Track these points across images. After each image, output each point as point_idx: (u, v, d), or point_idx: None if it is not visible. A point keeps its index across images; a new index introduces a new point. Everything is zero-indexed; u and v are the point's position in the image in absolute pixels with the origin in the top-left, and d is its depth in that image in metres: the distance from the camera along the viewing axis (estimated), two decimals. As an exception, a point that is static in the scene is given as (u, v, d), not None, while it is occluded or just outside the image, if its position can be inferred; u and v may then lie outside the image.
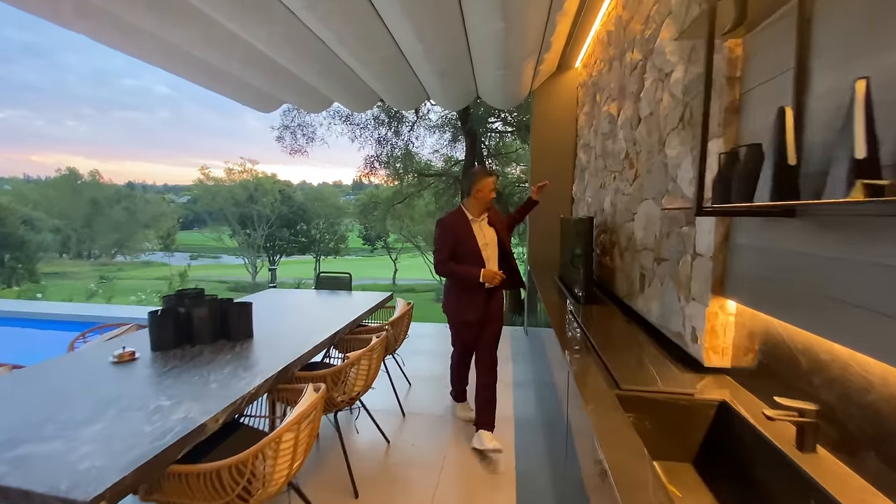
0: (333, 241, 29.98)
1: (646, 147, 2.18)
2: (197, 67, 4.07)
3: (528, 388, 3.37)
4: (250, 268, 27.98)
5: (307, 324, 2.67)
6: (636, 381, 1.46)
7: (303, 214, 28.62)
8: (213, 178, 27.32)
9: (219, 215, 27.18)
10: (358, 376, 2.13)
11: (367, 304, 3.20)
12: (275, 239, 28.06)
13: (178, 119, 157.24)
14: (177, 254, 41.63)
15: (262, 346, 2.24)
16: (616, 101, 2.80)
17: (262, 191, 26.27)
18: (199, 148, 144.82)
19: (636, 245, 2.29)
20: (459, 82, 4.06)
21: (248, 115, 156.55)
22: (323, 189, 35.19)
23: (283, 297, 3.52)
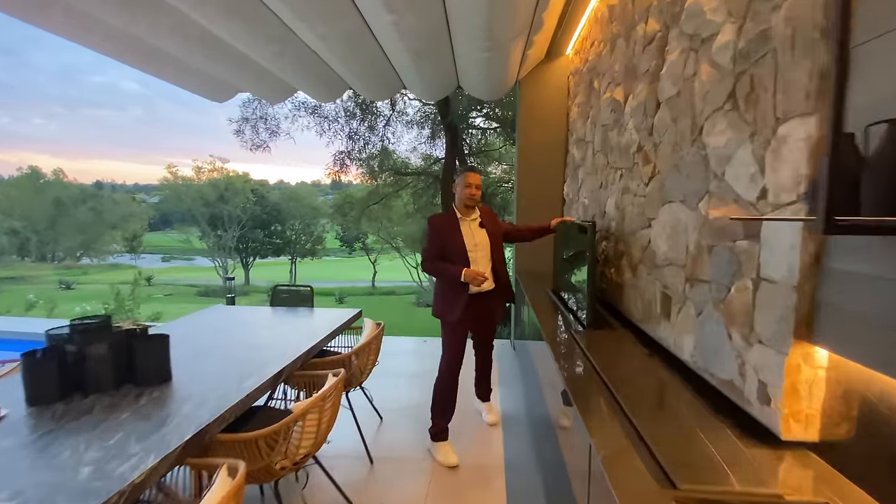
0: (310, 243, 29.09)
1: (670, 136, 1.74)
2: (134, 48, 3.47)
3: (521, 426, 2.91)
4: (221, 271, 26.83)
5: (250, 354, 2.14)
6: (693, 468, 1.01)
7: (277, 215, 27.63)
8: (182, 177, 26.07)
9: (187, 216, 25.94)
10: (304, 435, 1.62)
11: (328, 325, 2.69)
12: (247, 240, 27.01)
13: (149, 117, 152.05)
14: (148, 256, 39.99)
15: (180, 395, 1.71)
16: (622, 86, 2.37)
17: (234, 190, 25.17)
18: (173, 146, 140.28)
19: (656, 258, 1.85)
20: (437, 67, 3.57)
21: (219, 113, 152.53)
22: (299, 189, 34.18)
23: (229, 316, 2.97)
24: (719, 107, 1.38)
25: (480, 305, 2.54)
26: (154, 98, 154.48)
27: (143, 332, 1.90)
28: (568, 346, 1.99)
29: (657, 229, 1.85)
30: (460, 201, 2.50)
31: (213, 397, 1.67)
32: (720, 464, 1.03)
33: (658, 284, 1.83)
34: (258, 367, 1.98)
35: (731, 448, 1.10)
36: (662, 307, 1.79)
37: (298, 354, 2.15)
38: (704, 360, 1.44)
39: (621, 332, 2.08)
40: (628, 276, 2.20)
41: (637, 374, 1.64)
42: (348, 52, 3.30)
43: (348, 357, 2.28)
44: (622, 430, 1.22)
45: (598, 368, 1.66)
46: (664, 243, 1.75)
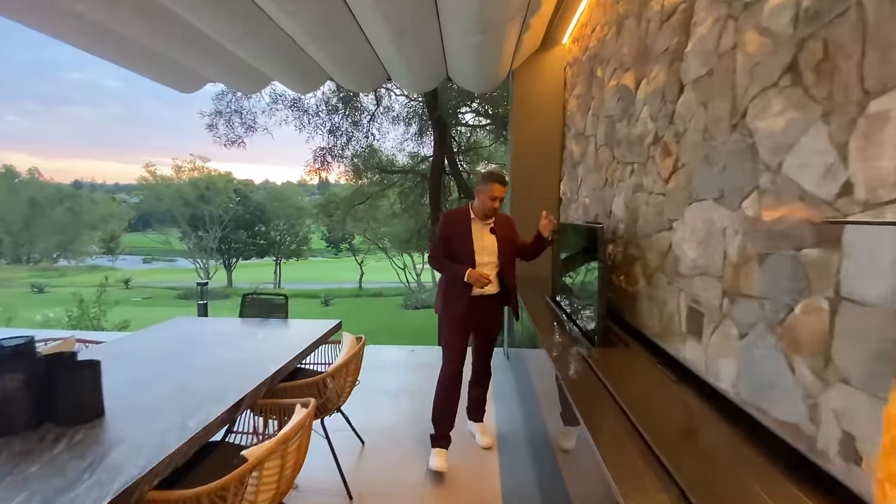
0: (295, 244, 28.51)
1: (698, 124, 1.48)
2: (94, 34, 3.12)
3: (519, 449, 2.64)
4: (202, 273, 26.10)
5: (206, 380, 1.83)
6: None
7: (261, 215, 26.98)
8: (161, 176, 25.24)
9: (167, 216, 25.12)
10: (262, 486, 1.32)
11: (303, 340, 2.38)
12: (230, 241, 26.32)
13: (130, 114, 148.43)
14: (128, 257, 38.90)
15: (110, 437, 1.40)
16: (632, 71, 2.11)
17: (215, 190, 24.44)
18: (155, 145, 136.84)
19: (680, 266, 1.60)
20: (424, 53, 3.29)
21: (207, 108, 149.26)
22: (285, 189, 33.47)
23: (191, 330, 2.64)
24: (773, 83, 1.12)
25: (481, 309, 2.44)
26: (135, 95, 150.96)
27: (70, 357, 1.57)
28: (576, 365, 1.72)
29: (682, 232, 1.59)
30: (479, 209, 2.39)
31: (151, 440, 1.36)
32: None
33: (683, 296, 1.57)
34: (214, 395, 1.67)
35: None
36: (689, 323, 1.53)
37: (263, 379, 1.84)
38: (752, 394, 1.18)
39: (636, 350, 1.82)
40: (642, 285, 1.94)
41: (662, 403, 1.38)
42: (325, 35, 2.99)
43: (322, 380, 1.98)
44: (658, 483, 0.95)
45: (619, 400, 1.39)
46: (692, 249, 1.49)
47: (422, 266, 24.18)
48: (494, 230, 2.43)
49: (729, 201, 1.30)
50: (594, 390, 1.51)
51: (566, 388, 1.52)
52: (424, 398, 3.21)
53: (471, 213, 2.43)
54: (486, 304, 2.46)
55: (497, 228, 2.43)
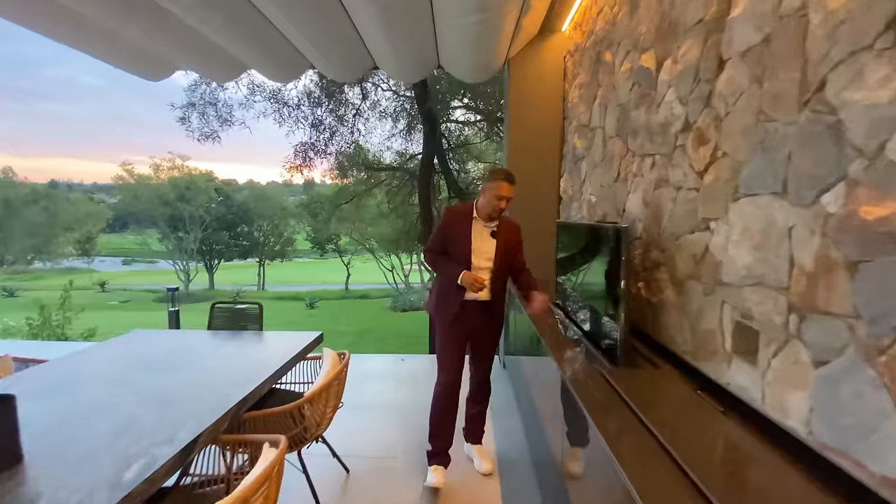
0: (279, 245, 27.91)
1: (748, 103, 1.24)
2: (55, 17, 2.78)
3: (523, 474, 2.38)
4: (182, 275, 25.34)
5: (157, 412, 1.53)
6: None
7: (244, 216, 26.31)
8: (138, 175, 24.40)
9: (145, 217, 24.30)
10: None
11: (278, 356, 2.09)
12: (211, 242, 25.62)
13: (110, 112, 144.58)
14: (108, 259, 37.73)
15: (27, 492, 1.10)
16: (652, 51, 1.87)
17: (196, 189, 23.71)
18: (136, 144, 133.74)
19: (722, 273, 1.35)
20: (414, 37, 3.01)
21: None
22: (268, 188, 32.75)
23: (149, 346, 2.32)
24: (866, 45, 0.87)
25: (475, 315, 2.28)
26: (115, 92, 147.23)
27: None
28: (598, 388, 1.47)
29: (724, 233, 1.34)
30: (484, 208, 2.22)
31: (73, 498, 1.06)
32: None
33: (728, 309, 1.32)
34: (164, 434, 1.37)
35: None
36: (738, 342, 1.28)
37: (227, 409, 1.54)
38: (838, 438, 0.94)
39: (667, 372, 1.58)
40: (669, 294, 1.69)
41: (711, 438, 1.14)
42: (306, 17, 2.70)
43: (298, 408, 1.69)
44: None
45: (656, 432, 1.14)
46: (746, 253, 1.24)
47: (410, 267, 23.86)
48: (496, 234, 2.24)
49: (798, 196, 1.05)
50: (624, 419, 1.26)
51: (593, 419, 1.26)
52: (417, 415, 2.94)
53: (474, 211, 2.25)
54: (481, 311, 2.28)
55: (500, 233, 2.25)
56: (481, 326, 2.32)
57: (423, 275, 23.55)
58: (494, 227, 2.24)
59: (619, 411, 1.32)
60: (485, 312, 2.29)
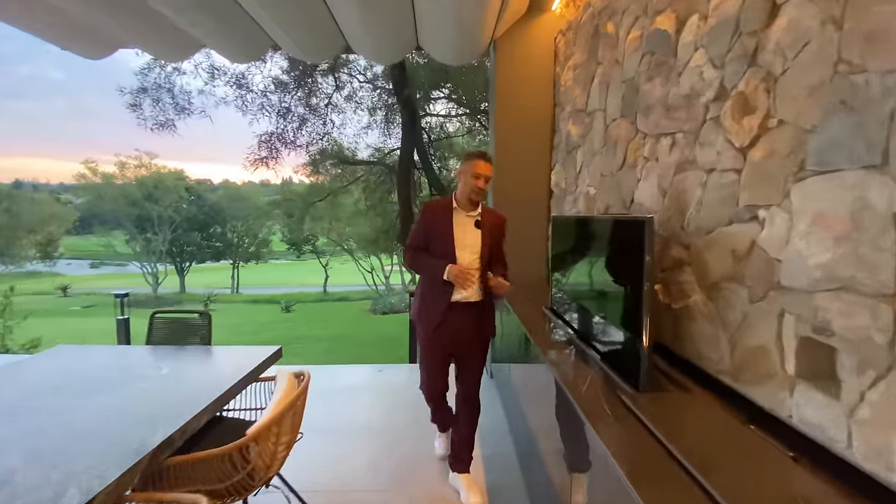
0: (254, 246, 27.01)
1: (818, 53, 0.95)
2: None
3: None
4: (150, 278, 24.22)
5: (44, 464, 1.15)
6: None
7: (216, 216, 25.34)
8: (103, 173, 23.18)
9: (110, 218, 23.08)
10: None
11: (225, 377, 1.73)
12: (182, 244, 24.57)
13: (78, 109, 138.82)
14: (74, 261, 36.02)
15: None
16: (670, 10, 1.58)
17: (165, 189, 22.65)
18: (105, 142, 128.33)
19: (779, 275, 1.06)
20: (391, 13, 2.67)
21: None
22: (243, 188, 31.72)
23: (68, 366, 1.92)
24: None
25: (462, 319, 2.04)
26: (82, 88, 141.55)
27: None
28: (616, 425, 1.16)
29: (783, 223, 1.05)
30: (463, 193, 2.03)
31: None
32: None
33: (791, 321, 1.03)
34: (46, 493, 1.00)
35: None
36: (808, 365, 0.99)
37: (139, 458, 1.17)
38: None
39: (702, 398, 1.28)
40: (696, 300, 1.40)
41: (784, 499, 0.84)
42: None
43: (240, 449, 1.33)
44: None
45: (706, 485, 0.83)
46: (821, 248, 0.95)
47: (390, 268, 23.38)
48: (480, 224, 2.03)
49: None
50: (658, 465, 0.95)
51: (622, 469, 0.95)
52: (394, 436, 2.59)
53: (454, 203, 2.05)
54: (470, 314, 2.05)
55: (484, 223, 2.05)
56: (470, 332, 2.06)
57: (405, 276, 23.15)
58: (478, 217, 2.04)
59: (651, 451, 1.01)
60: (474, 315, 2.06)
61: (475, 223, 2.03)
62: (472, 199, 2.01)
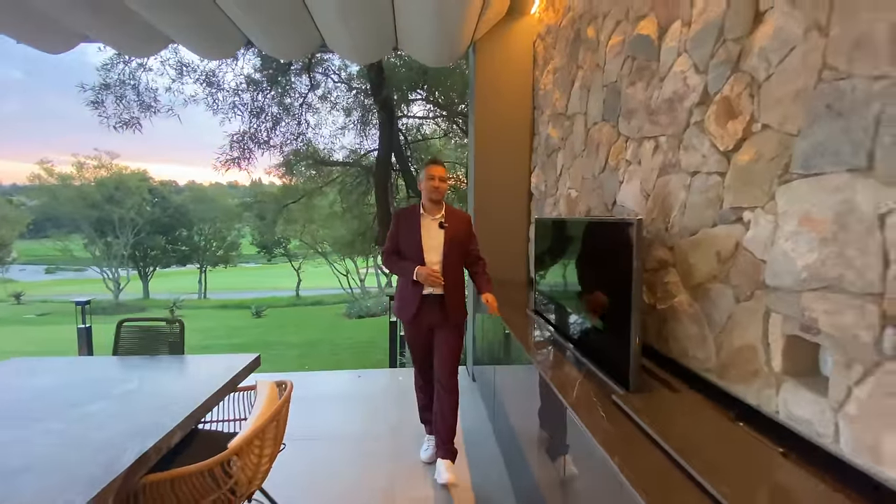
0: (222, 249, 26.17)
1: (803, 59, 0.98)
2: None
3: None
4: (111, 283, 23.09)
5: (8, 486, 1.06)
6: None
7: (181, 218, 24.41)
8: (59, 174, 21.95)
9: (66, 221, 21.87)
10: None
11: (200, 388, 1.64)
12: (146, 248, 23.55)
13: (32, 108, 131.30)
14: (28, 267, 34.05)
15: None
16: (653, 15, 1.61)
17: (126, 190, 21.63)
18: (64, 142, 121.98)
19: (763, 275, 1.09)
20: (370, 11, 2.63)
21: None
22: (210, 189, 30.71)
23: (22, 382, 1.79)
24: None
25: (434, 310, 2.27)
26: (37, 87, 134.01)
27: None
28: (610, 426, 1.16)
29: (768, 225, 1.08)
30: (425, 196, 2.28)
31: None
32: None
33: (778, 320, 1.06)
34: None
35: None
36: (794, 362, 1.02)
37: (113, 478, 1.09)
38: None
39: (690, 397, 1.30)
40: (681, 300, 1.43)
41: (778, 494, 0.85)
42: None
43: (221, 463, 1.26)
44: None
45: (705, 484, 0.84)
46: (805, 248, 0.98)
47: (366, 271, 23.10)
48: (445, 225, 2.25)
49: (893, 171, 0.79)
50: (653, 464, 0.96)
51: (622, 473, 0.95)
52: (377, 443, 2.54)
53: (420, 209, 2.29)
54: (440, 304, 2.26)
55: (448, 223, 2.26)
56: (441, 319, 2.27)
57: (382, 279, 22.93)
58: (442, 219, 2.25)
59: (644, 449, 1.02)
60: (443, 305, 2.25)
61: (439, 225, 2.24)
62: (432, 199, 2.24)
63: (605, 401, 1.30)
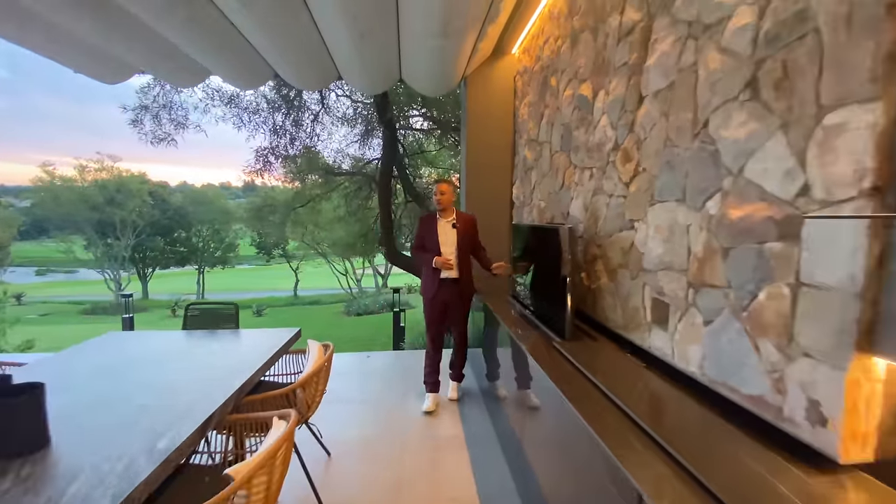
0: (220, 250, 26.61)
1: (659, 132, 1.63)
2: (20, 21, 2.73)
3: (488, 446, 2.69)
4: (112, 284, 23.49)
5: (162, 400, 1.67)
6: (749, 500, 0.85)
7: (180, 220, 24.86)
8: (61, 177, 22.35)
9: (68, 222, 22.28)
10: (253, 500, 1.24)
11: (262, 351, 2.25)
12: (145, 249, 23.97)
13: (19, 108, 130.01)
14: (17, 269, 34.13)
15: (63, 469, 1.23)
16: (589, 81, 2.26)
17: (127, 193, 22.10)
18: (49, 143, 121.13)
19: (642, 262, 1.74)
20: (381, 53, 3.26)
21: (111, 103, 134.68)
22: (206, 191, 31.13)
23: (129, 346, 2.40)
24: (733, 97, 1.26)
25: (449, 290, 3.07)
26: (24, 86, 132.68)
27: (4, 381, 1.37)
28: (550, 355, 1.81)
29: (643, 231, 1.73)
30: (437, 207, 3.09)
31: (116, 467, 1.22)
32: (784, 495, 0.88)
33: (648, 290, 1.71)
34: (175, 416, 1.53)
35: (778, 471, 0.97)
36: (655, 315, 1.67)
37: (230, 393, 1.72)
38: (720, 373, 1.32)
39: (602, 342, 1.95)
40: (604, 281, 2.08)
41: (635, 385, 1.50)
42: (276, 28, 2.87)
43: (292, 391, 1.89)
44: (642, 443, 1.04)
45: (599, 384, 1.49)
46: (658, 245, 1.63)
47: (362, 271, 23.68)
48: (456, 226, 3.05)
49: (692, 202, 1.44)
50: (572, 376, 1.60)
51: (550, 377, 1.59)
52: (388, 405, 3.17)
53: (437, 215, 3.10)
54: (453, 286, 3.07)
55: (458, 225, 3.06)
56: (455, 297, 3.09)
57: (378, 280, 23.51)
58: (454, 221, 3.05)
59: (565, 368, 1.66)
60: (456, 286, 3.07)
61: (452, 225, 3.04)
62: (440, 205, 3.05)
63: (549, 347, 1.94)
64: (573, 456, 1.47)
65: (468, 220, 3.13)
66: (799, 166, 1.05)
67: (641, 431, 1.23)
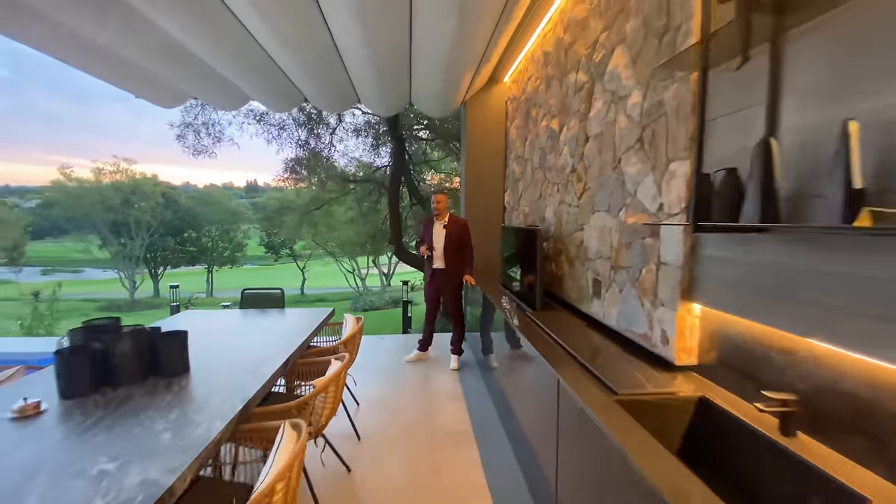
0: (229, 250, 27.40)
1: (597, 163, 2.35)
2: (76, 46, 3.42)
3: (483, 398, 3.41)
4: (127, 283, 24.32)
5: (247, 352, 2.39)
6: (623, 384, 1.56)
7: (191, 220, 25.68)
8: (77, 178, 23.21)
9: (84, 222, 23.14)
10: (325, 405, 1.96)
11: (308, 323, 2.97)
12: (157, 249, 24.78)
13: (19, 108, 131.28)
14: (24, 269, 34.91)
15: (204, 382, 1.95)
16: (557, 118, 2.98)
17: (142, 194, 22.97)
18: (51, 143, 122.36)
19: (587, 253, 2.45)
20: (395, 89, 3.99)
21: (114, 104, 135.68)
22: (212, 192, 31.98)
23: (203, 320, 3.12)
24: (631, 146, 1.98)
25: (441, 277, 3.97)
26: (25, 86, 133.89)
27: (157, 329, 2.09)
28: (523, 320, 2.52)
29: (588, 232, 2.45)
30: (433, 211, 3.97)
31: (237, 382, 1.94)
32: (640, 380, 1.60)
33: (590, 273, 2.42)
34: (267, 357, 2.25)
35: (645, 372, 1.68)
36: (594, 290, 2.38)
37: (297, 346, 2.44)
38: (627, 323, 2.04)
39: (562, 312, 2.67)
40: (566, 269, 2.79)
41: (579, 337, 2.21)
42: (313, 66, 3.58)
43: (341, 345, 2.61)
44: (578, 368, 1.75)
45: (553, 334, 2.21)
46: (595, 242, 2.35)
47: (366, 270, 24.45)
48: (447, 227, 3.90)
49: (613, 212, 2.16)
50: (539, 335, 2.32)
51: (523, 335, 2.31)
52: (399, 371, 3.90)
53: (434, 218, 3.98)
54: (442, 274, 3.96)
55: (448, 226, 3.90)
56: (444, 283, 3.98)
57: (383, 279, 24.26)
58: (445, 223, 3.91)
59: (535, 329, 2.38)
60: (444, 275, 3.94)
61: (443, 227, 3.88)
62: (437, 211, 3.90)
63: (524, 315, 2.66)
64: (536, 384, 2.19)
65: (459, 224, 3.93)
66: (658, 193, 1.77)
67: (577, 363, 1.94)
